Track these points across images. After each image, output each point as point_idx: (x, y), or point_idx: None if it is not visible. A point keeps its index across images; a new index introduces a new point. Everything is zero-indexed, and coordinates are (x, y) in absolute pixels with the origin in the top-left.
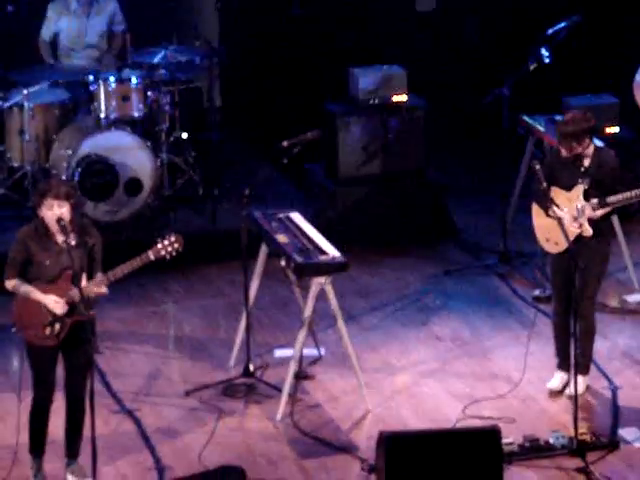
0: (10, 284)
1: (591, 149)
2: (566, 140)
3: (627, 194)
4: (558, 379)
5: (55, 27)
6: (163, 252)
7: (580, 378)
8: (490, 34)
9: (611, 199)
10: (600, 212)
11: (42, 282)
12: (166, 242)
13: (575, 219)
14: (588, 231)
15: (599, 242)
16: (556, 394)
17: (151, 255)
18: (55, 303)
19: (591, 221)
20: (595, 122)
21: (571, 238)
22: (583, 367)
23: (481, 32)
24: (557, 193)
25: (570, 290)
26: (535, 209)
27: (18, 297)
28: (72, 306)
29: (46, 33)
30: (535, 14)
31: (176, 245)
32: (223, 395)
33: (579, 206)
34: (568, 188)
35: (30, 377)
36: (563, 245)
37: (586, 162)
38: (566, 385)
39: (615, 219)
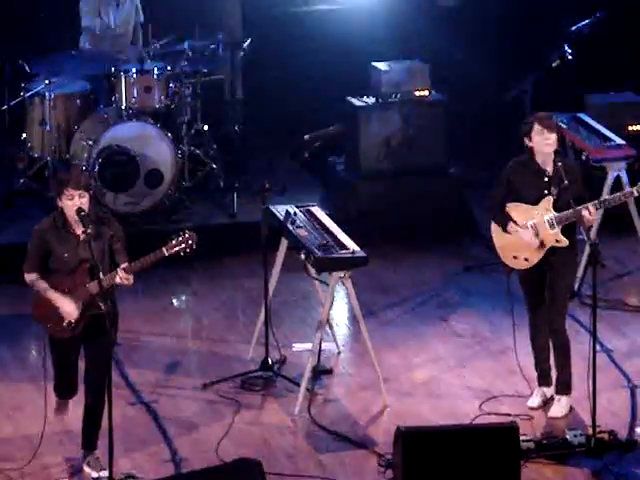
0: (29, 278)
1: (552, 157)
2: (555, 133)
3: (618, 194)
4: (538, 397)
5: (97, 17)
6: (177, 249)
7: (563, 399)
8: (512, 30)
9: (607, 198)
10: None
11: (61, 274)
12: (180, 239)
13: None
14: (564, 241)
15: (568, 255)
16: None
17: (165, 251)
18: (69, 311)
19: (564, 232)
20: None
21: (545, 250)
22: (564, 387)
23: (503, 28)
24: (520, 208)
25: (543, 301)
26: (495, 229)
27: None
28: (90, 299)
29: (92, 23)
30: (558, 10)
31: (190, 242)
32: (241, 388)
33: (551, 217)
34: (534, 201)
35: (52, 369)
36: (535, 259)
37: (549, 171)
38: (547, 401)
39: (635, 213)
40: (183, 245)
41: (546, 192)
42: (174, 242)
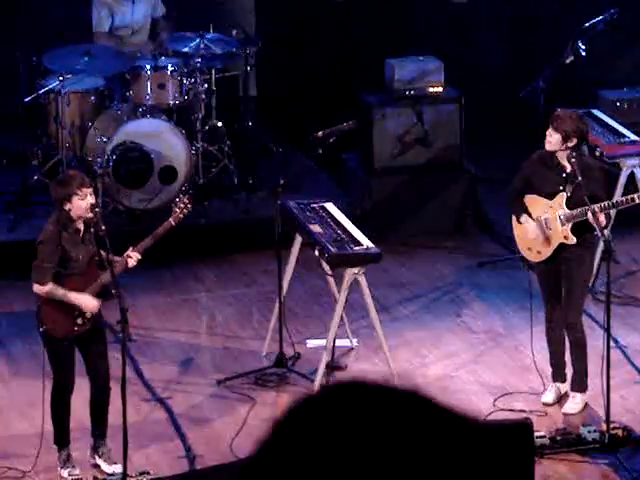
0: (45, 289)
1: (567, 154)
2: (558, 132)
3: (630, 196)
4: (552, 393)
5: (109, 17)
6: (181, 216)
7: (578, 396)
8: (525, 26)
9: (617, 201)
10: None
11: (74, 277)
12: (181, 205)
13: (548, 228)
14: (572, 239)
15: (584, 251)
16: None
17: (172, 222)
18: (93, 307)
19: (577, 229)
20: (587, 129)
21: (555, 245)
22: (579, 384)
23: (516, 24)
24: (537, 201)
25: (560, 296)
26: (514, 220)
27: (42, 297)
28: (100, 291)
29: (106, 25)
30: (572, 6)
31: (189, 206)
32: (255, 385)
33: (561, 214)
34: (550, 195)
35: (52, 368)
36: (546, 253)
37: (568, 168)
38: (561, 397)
39: None
40: (185, 211)
41: (561, 188)
42: (177, 210)
